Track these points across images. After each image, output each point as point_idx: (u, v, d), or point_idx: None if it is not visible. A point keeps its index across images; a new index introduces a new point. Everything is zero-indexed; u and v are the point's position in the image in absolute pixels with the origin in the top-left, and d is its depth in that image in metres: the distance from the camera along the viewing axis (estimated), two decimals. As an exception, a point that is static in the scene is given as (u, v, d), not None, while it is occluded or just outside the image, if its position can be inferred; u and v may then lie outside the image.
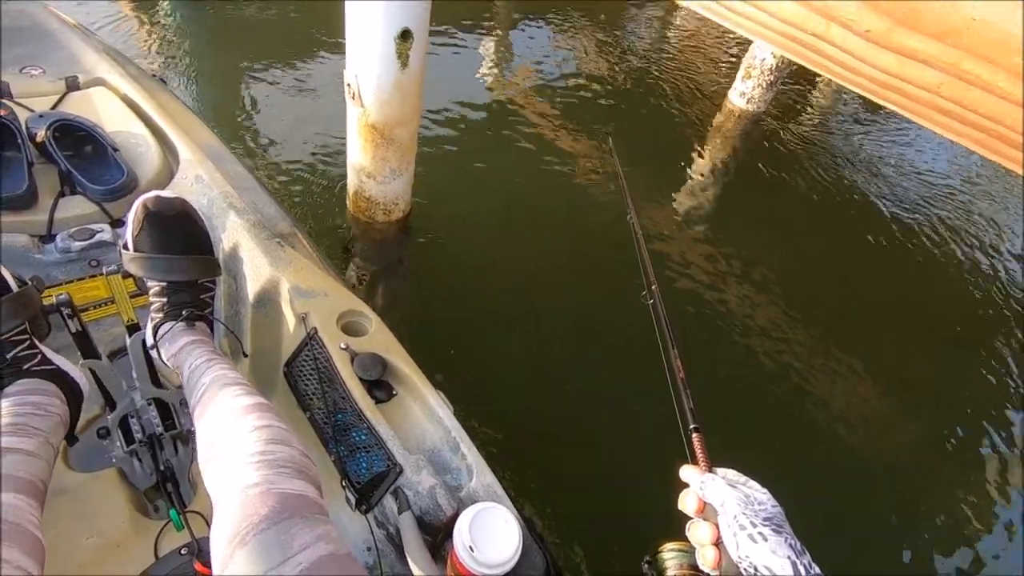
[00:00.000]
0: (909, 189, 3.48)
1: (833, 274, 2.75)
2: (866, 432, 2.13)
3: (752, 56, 3.51)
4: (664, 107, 3.70)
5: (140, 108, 1.45)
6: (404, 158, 2.13)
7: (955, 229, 3.22)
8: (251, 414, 0.73)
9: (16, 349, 0.80)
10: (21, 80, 1.42)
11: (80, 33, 1.66)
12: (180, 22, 3.51)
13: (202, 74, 3.14)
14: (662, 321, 0.75)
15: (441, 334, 2.01)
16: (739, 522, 0.52)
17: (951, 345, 2.56)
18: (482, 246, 2.42)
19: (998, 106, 0.79)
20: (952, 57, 0.82)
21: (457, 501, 0.87)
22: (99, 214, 1.21)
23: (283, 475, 0.64)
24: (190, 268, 0.98)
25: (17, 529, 0.60)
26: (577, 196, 2.81)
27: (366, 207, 2.27)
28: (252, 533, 0.57)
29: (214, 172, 1.30)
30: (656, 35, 4.64)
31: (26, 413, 0.75)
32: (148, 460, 0.94)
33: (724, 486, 0.55)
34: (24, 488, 0.65)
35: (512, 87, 3.56)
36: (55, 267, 1.16)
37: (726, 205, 3.07)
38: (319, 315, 1.05)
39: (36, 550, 0.61)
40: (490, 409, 1.74)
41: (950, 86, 0.84)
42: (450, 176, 2.75)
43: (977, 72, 0.80)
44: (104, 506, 0.88)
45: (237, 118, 2.88)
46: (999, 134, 0.80)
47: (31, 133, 1.23)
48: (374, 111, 1.94)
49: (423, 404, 1.00)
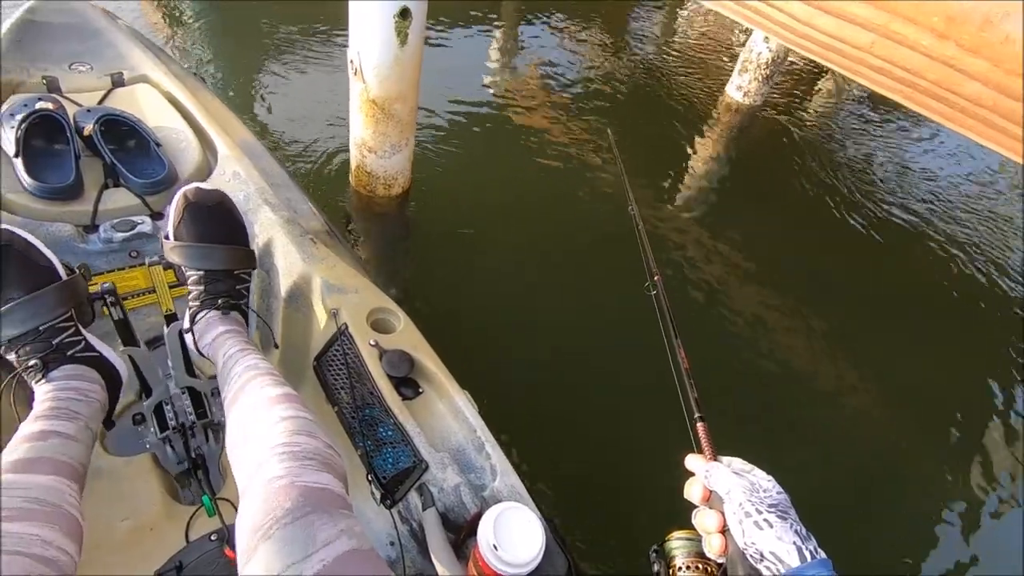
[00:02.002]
0: (908, 182, 3.50)
1: (834, 264, 2.79)
2: (869, 421, 2.14)
3: (749, 50, 3.55)
4: (665, 101, 3.75)
5: (181, 105, 1.49)
6: (403, 133, 2.24)
7: (961, 224, 3.24)
8: (279, 404, 0.74)
9: (62, 336, 0.83)
10: (70, 76, 1.47)
11: (126, 31, 1.71)
12: (197, 12, 3.63)
13: (219, 61, 3.25)
14: (665, 312, 0.76)
15: (438, 310, 2.04)
16: (744, 509, 0.52)
17: (954, 341, 2.57)
18: (482, 232, 2.47)
19: (921, 62, 0.92)
20: (883, 19, 0.94)
21: (481, 500, 0.88)
22: (140, 206, 1.24)
23: (308, 468, 0.64)
24: (227, 257, 1.00)
25: (58, 511, 0.62)
26: (578, 187, 2.84)
27: (367, 181, 2.38)
28: (276, 527, 0.57)
29: (251, 168, 1.34)
30: (660, 31, 4.68)
31: (69, 398, 0.78)
32: (180, 447, 0.97)
33: (729, 474, 0.55)
34: (65, 471, 0.68)
35: (516, 80, 3.62)
36: (97, 256, 1.20)
37: (726, 197, 3.11)
38: (349, 311, 1.06)
39: (75, 531, 0.63)
40: (488, 395, 1.74)
41: (881, 45, 0.96)
42: (452, 161, 2.81)
43: (904, 32, 0.92)
44: (138, 490, 0.90)
45: (252, 100, 2.98)
46: (923, 88, 0.93)
47: (79, 127, 1.27)
48: (374, 86, 2.05)
49: (449, 403, 1.01)
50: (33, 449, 0.67)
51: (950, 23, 0.85)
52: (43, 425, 0.71)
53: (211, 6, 3.69)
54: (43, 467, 0.66)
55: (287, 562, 0.55)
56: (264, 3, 3.78)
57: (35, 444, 0.68)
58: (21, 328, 0.79)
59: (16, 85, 1.40)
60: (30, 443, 0.68)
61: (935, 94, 0.92)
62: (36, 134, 1.22)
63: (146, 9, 3.62)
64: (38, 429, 0.71)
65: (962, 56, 0.86)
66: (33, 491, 0.62)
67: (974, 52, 0.84)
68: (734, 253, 2.67)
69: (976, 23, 0.82)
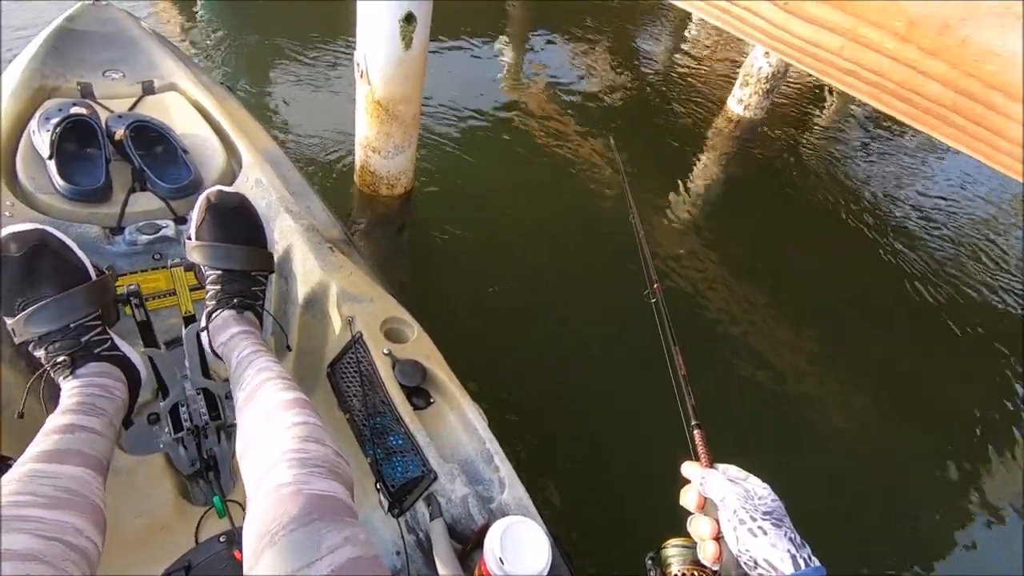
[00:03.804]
0: (909, 195, 3.53)
1: (833, 273, 2.80)
2: (868, 428, 2.14)
3: (750, 64, 3.60)
4: (668, 112, 3.80)
5: (208, 113, 1.53)
6: (407, 134, 2.30)
7: (959, 231, 3.27)
8: (290, 410, 0.74)
9: (90, 334, 0.85)
10: (103, 83, 1.51)
11: (157, 40, 1.76)
12: (210, 15, 3.72)
13: (230, 61, 3.32)
14: (665, 320, 0.76)
15: (437, 308, 2.04)
16: (739, 516, 0.52)
17: (954, 348, 2.57)
18: (483, 234, 2.49)
19: (886, 64, 0.94)
20: (850, 23, 0.97)
21: (488, 512, 0.88)
22: (164, 210, 1.28)
23: (315, 475, 0.65)
24: (245, 257, 1.02)
25: (87, 502, 0.63)
26: (581, 195, 2.88)
27: (371, 181, 2.44)
28: (281, 534, 0.58)
29: (273, 177, 1.36)
30: (666, 45, 4.73)
31: (94, 395, 0.80)
32: (193, 448, 0.98)
33: (724, 481, 0.55)
34: (92, 464, 0.69)
35: (521, 87, 3.67)
36: (122, 258, 1.23)
37: (726, 207, 3.13)
38: (364, 320, 1.08)
39: (101, 522, 0.64)
40: (485, 398, 1.74)
41: (850, 49, 0.99)
42: (456, 164, 2.85)
43: (871, 36, 0.95)
44: (152, 488, 0.91)
45: (260, 99, 3.05)
46: (889, 89, 0.96)
47: (110, 132, 1.31)
48: (379, 88, 2.11)
49: (459, 414, 1.01)
50: (62, 441, 0.69)
51: (911, 27, 0.89)
52: (71, 419, 0.73)
53: (222, 7, 3.78)
54: (72, 459, 0.67)
55: (291, 568, 0.56)
56: (276, 3, 3.87)
57: (64, 436, 0.70)
58: (53, 325, 0.82)
59: (52, 90, 1.44)
60: (59, 435, 0.70)
61: (899, 95, 0.95)
62: (69, 138, 1.25)
63: (159, 8, 3.71)
64: (66, 422, 0.72)
65: (923, 58, 0.89)
66: (63, 480, 0.64)
67: (934, 55, 0.87)
68: (733, 263, 2.70)
69: (935, 27, 0.85)
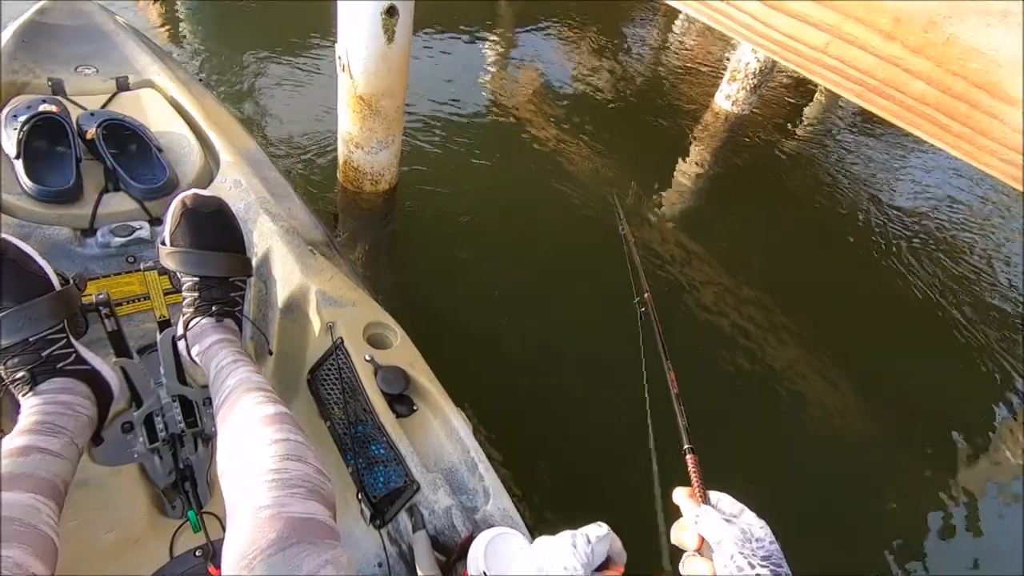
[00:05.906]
0: (901, 193, 3.56)
1: (824, 278, 2.81)
2: (867, 437, 2.15)
3: (737, 60, 3.61)
4: (656, 110, 3.80)
5: (185, 111, 1.49)
6: (390, 130, 2.25)
7: (951, 232, 3.30)
8: (271, 426, 0.72)
9: (52, 348, 0.81)
10: (75, 78, 1.47)
11: (133, 35, 1.71)
12: (189, 12, 3.67)
13: (209, 59, 3.27)
14: (655, 326, 0.75)
15: (420, 308, 2.02)
16: (736, 562, 0.50)
17: (952, 351, 2.60)
18: (468, 233, 2.48)
19: (871, 62, 0.95)
20: (835, 20, 0.97)
21: (472, 523, 0.86)
22: (139, 211, 1.24)
23: (295, 496, 0.64)
24: (223, 264, 0.99)
25: (31, 531, 0.60)
26: (568, 194, 2.85)
27: (354, 177, 2.39)
28: (259, 558, 0.57)
29: (252, 178, 1.33)
30: (653, 41, 4.75)
31: (55, 412, 0.76)
32: (169, 458, 0.95)
33: (720, 522, 0.53)
34: (44, 488, 0.66)
35: (509, 87, 3.65)
36: (94, 261, 1.19)
37: (714, 207, 3.14)
38: (346, 325, 1.06)
39: (49, 552, 0.61)
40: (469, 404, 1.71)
41: (835, 46, 0.99)
42: (441, 161, 2.83)
43: (856, 33, 0.95)
44: (124, 501, 0.88)
45: (243, 98, 3.00)
46: (873, 87, 0.97)
47: (81, 130, 1.26)
48: (362, 83, 2.07)
49: (443, 421, 0.99)
50: (12, 464, 0.66)
51: (896, 24, 0.89)
52: (26, 440, 0.70)
53: (203, 4, 3.72)
54: (21, 483, 0.64)
55: None
56: (259, 1, 3.81)
57: (15, 460, 0.66)
58: (10, 339, 0.78)
59: (21, 86, 1.39)
60: (10, 459, 0.66)
61: (884, 93, 0.95)
62: (38, 136, 1.21)
63: (141, 7, 3.64)
64: (20, 444, 0.69)
65: (908, 56, 0.90)
66: (6, 509, 0.60)
67: (918, 52, 0.88)
68: (722, 266, 2.70)
69: (920, 24, 0.86)
